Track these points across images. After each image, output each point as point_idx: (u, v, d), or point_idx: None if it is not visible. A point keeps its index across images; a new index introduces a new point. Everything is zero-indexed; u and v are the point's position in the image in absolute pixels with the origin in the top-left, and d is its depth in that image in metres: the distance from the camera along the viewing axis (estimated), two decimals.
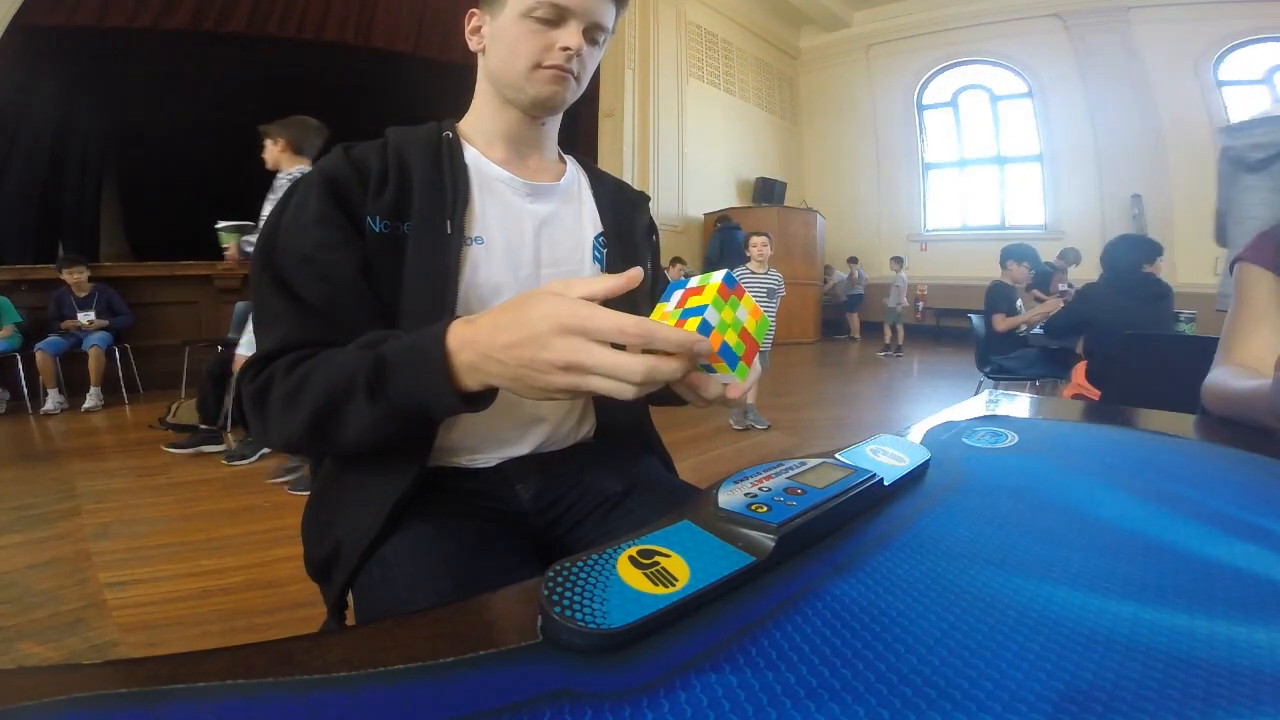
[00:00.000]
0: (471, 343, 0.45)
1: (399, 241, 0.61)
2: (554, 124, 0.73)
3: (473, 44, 0.69)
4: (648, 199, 0.84)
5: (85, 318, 4.00)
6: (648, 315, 0.82)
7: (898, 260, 7.80)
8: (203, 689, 0.23)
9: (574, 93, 0.67)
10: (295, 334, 0.56)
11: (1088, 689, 0.24)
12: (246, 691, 0.23)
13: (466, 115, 0.72)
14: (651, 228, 0.83)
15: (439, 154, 0.65)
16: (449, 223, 0.62)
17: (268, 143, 2.40)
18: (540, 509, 0.68)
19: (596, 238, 0.73)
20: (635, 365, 0.38)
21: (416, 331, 0.49)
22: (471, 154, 0.68)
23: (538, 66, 0.63)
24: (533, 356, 0.40)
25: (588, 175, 0.78)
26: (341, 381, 0.50)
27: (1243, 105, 6.52)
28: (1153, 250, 2.78)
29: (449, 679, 0.24)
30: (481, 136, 0.70)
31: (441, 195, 0.63)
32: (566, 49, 0.62)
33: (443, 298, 0.60)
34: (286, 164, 2.37)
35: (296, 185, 0.61)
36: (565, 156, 0.78)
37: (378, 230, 0.60)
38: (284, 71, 6.03)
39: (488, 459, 0.66)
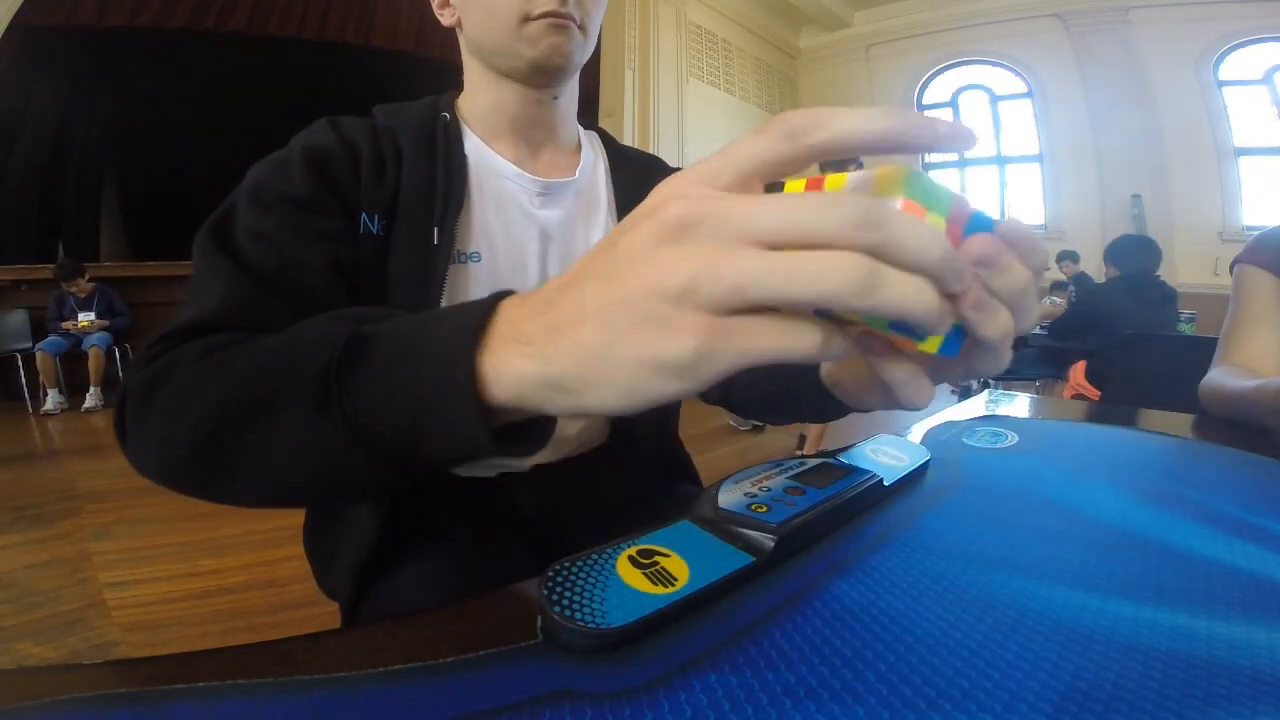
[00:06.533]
0: (523, 301, 0.25)
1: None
2: (570, 97, 0.61)
3: (444, 18, 0.58)
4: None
5: (86, 318, 4.00)
6: None
7: None
8: (203, 689, 0.23)
9: (580, 45, 0.54)
10: (230, 303, 0.39)
11: (1088, 689, 0.24)
12: (246, 691, 0.23)
13: (463, 94, 0.61)
14: None
15: (433, 141, 0.55)
16: (437, 230, 0.51)
17: None
18: (544, 517, 0.62)
19: None
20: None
21: (435, 310, 0.30)
22: (474, 144, 0.57)
23: (526, 19, 0.51)
24: (629, 246, 0.21)
25: (608, 158, 0.66)
26: (279, 367, 0.30)
27: (1243, 105, 6.52)
28: (1159, 254, 2.80)
29: (449, 679, 0.24)
30: (482, 122, 0.59)
31: (431, 194, 0.52)
32: None
33: None
34: None
35: (269, 160, 0.49)
36: (583, 135, 0.66)
37: (374, 231, 0.50)
38: (284, 71, 6.03)
39: (484, 470, 0.58)
